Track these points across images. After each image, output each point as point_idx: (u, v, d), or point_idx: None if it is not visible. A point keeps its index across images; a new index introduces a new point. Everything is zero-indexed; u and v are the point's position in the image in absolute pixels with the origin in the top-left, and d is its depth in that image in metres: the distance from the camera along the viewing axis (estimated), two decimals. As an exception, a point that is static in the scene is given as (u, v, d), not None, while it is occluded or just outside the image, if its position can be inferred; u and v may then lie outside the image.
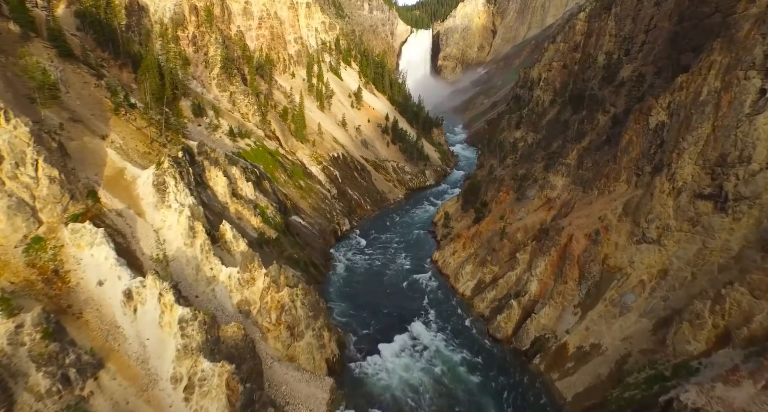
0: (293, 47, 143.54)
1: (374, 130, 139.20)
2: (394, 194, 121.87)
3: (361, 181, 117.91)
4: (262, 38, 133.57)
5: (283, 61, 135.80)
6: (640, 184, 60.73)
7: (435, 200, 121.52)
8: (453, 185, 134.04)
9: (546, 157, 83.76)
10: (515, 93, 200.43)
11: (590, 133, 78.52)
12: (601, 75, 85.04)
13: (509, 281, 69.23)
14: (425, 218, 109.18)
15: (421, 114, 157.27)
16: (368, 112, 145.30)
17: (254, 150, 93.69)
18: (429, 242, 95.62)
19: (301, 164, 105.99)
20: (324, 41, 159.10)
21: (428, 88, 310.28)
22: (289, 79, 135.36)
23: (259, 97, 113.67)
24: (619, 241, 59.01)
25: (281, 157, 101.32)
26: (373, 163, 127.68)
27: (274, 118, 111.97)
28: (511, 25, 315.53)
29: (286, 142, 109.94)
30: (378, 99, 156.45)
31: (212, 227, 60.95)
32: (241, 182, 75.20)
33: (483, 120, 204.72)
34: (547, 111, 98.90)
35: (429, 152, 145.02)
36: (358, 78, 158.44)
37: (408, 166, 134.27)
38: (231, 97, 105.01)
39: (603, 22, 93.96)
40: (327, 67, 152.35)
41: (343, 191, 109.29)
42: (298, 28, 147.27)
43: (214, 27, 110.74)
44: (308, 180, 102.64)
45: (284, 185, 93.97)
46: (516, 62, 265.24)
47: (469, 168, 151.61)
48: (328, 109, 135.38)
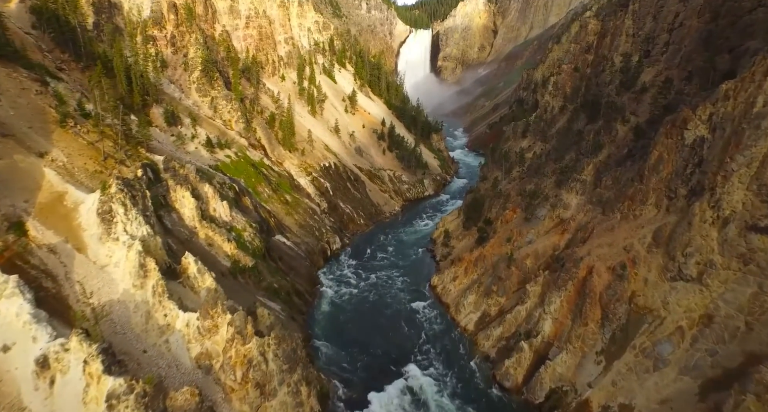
0: (283, 48, 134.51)
1: (369, 137, 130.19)
2: (390, 207, 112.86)
3: (355, 193, 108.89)
4: (249, 39, 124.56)
5: (272, 63, 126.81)
6: (674, 209, 51.71)
7: (434, 213, 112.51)
8: (453, 196, 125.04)
9: (557, 172, 74.74)
10: (518, 95, 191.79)
11: (608, 146, 69.49)
12: (619, 79, 76.00)
13: (518, 316, 60.19)
14: (423, 233, 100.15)
15: (419, 118, 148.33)
16: (363, 117, 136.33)
17: (235, 162, 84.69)
18: (427, 263, 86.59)
19: (288, 176, 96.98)
20: (317, 42, 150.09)
21: (427, 89, 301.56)
22: (278, 83, 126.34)
23: (244, 103, 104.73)
24: (649, 276, 50.01)
25: (266, 168, 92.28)
26: (368, 172, 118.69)
27: (259, 126, 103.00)
28: (512, 25, 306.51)
29: (272, 151, 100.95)
30: (374, 103, 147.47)
31: (174, 259, 52.02)
32: (214, 202, 66.22)
33: (485, 124, 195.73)
34: (556, 118, 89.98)
35: (428, 159, 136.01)
36: (353, 80, 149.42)
37: (405, 175, 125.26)
38: (212, 103, 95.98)
39: (619, 21, 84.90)
40: (320, 69, 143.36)
41: (334, 205, 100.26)
42: (289, 27, 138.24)
43: (195, 26, 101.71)
44: (295, 194, 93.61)
45: (268, 201, 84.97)
46: (518, 63, 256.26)
47: (471, 176, 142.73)
48: (320, 114, 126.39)
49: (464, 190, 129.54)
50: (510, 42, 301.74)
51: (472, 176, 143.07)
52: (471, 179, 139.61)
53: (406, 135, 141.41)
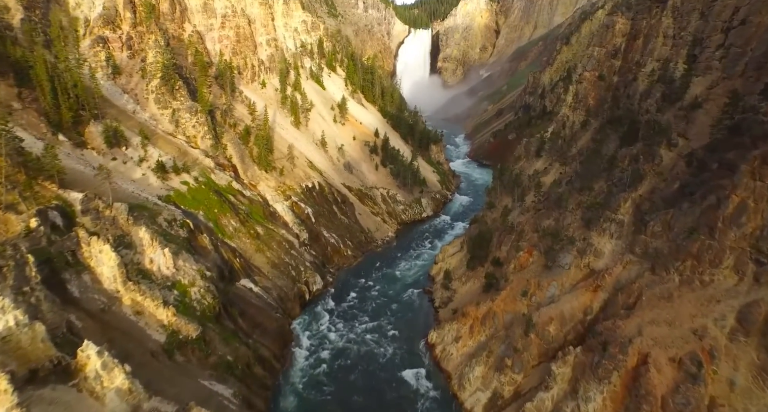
0: (265, 51, 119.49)
1: (361, 150, 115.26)
2: (382, 232, 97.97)
3: (342, 218, 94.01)
4: (225, 40, 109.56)
5: (251, 67, 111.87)
6: (767, 280, 36.87)
7: (433, 239, 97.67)
8: (455, 217, 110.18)
9: (584, 206, 59.85)
10: (525, 101, 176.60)
11: (650, 177, 54.56)
12: (660, 92, 60.96)
13: (542, 407, 45.39)
14: (420, 267, 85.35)
15: (417, 128, 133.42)
16: (354, 127, 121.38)
17: (194, 189, 69.86)
18: (424, 310, 71.83)
19: (262, 202, 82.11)
20: (304, 43, 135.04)
21: (427, 92, 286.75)
22: (257, 90, 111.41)
23: (214, 115, 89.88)
24: (736, 378, 35.25)
25: (235, 194, 77.41)
26: (358, 192, 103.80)
27: (231, 142, 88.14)
28: (515, 25, 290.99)
29: (245, 172, 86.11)
30: (367, 111, 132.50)
31: (73, 347, 37.26)
32: (152, 251, 51.45)
33: (488, 131, 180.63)
34: (578, 136, 75.17)
35: (426, 174, 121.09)
36: (344, 86, 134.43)
37: (401, 193, 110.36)
38: (173, 116, 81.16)
39: (654, 19, 69.78)
40: (307, 73, 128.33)
41: (316, 235, 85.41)
42: (272, 28, 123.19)
43: (155, 26, 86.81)
44: (269, 223, 78.78)
45: (233, 236, 70.19)
46: (522, 64, 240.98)
47: (474, 192, 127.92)
48: (304, 125, 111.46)
49: (467, 210, 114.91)
50: (513, 42, 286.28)
51: (475, 193, 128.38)
52: (474, 196, 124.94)
53: (402, 147, 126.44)
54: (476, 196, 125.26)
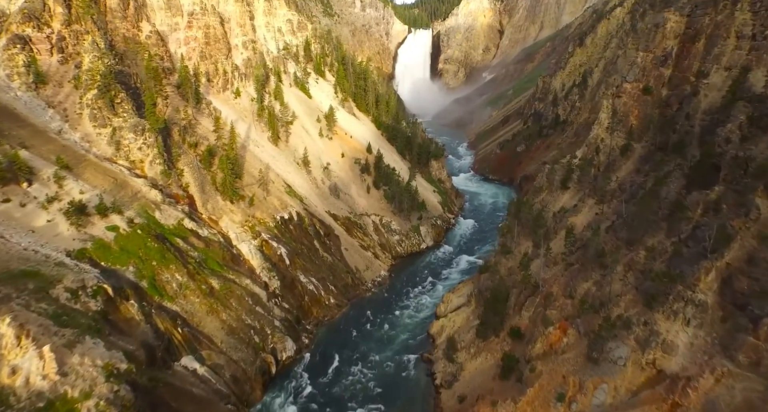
0: (241, 54, 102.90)
1: (350, 170, 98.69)
2: (373, 271, 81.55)
3: (324, 256, 77.54)
4: (192, 42, 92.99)
5: (223, 74, 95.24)
6: None
7: (435, 280, 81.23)
8: (459, 248, 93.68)
9: (638, 269, 43.38)
10: (534, 108, 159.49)
11: (743, 237, 38.01)
12: (746, 114, 44.24)
13: None
14: (419, 322, 69.00)
15: (415, 140, 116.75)
16: (343, 142, 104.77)
17: (125, 236, 53.35)
18: (422, 389, 55.43)
19: (223, 242, 65.60)
20: (288, 45, 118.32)
21: (427, 95, 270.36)
22: (230, 100, 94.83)
23: (171, 133, 73.59)
24: None
25: (186, 236, 60.94)
26: (345, 221, 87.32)
27: (190, 166, 71.71)
28: (520, 25, 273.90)
29: (204, 204, 69.66)
30: (359, 122, 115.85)
31: None
32: (17, 354, 34.95)
33: (494, 140, 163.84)
34: (617, 165, 58.54)
35: (425, 195, 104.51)
36: (333, 94, 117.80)
37: (396, 220, 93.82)
38: (113, 137, 64.74)
39: (722, 15, 53.10)
40: (290, 79, 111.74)
41: (291, 281, 68.99)
42: (250, 28, 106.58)
43: (91, 25, 70.29)
44: (230, 272, 62.28)
45: (177, 296, 53.73)
46: (529, 67, 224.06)
47: (480, 214, 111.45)
48: (284, 141, 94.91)
49: (472, 238, 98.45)
50: (517, 43, 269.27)
51: (481, 214, 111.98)
52: (480, 219, 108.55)
53: (398, 163, 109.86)
54: (482, 219, 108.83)
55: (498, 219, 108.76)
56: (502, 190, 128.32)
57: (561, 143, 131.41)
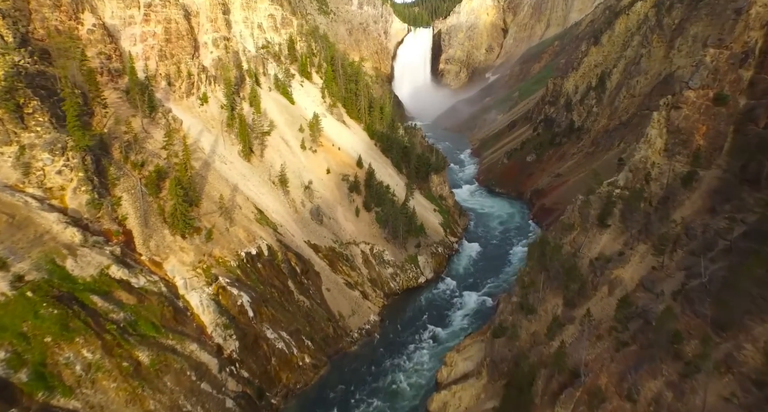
0: (211, 54, 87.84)
1: (336, 188, 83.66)
2: (361, 315, 66.64)
3: (300, 300, 62.60)
4: (151, 39, 78.01)
5: (187, 77, 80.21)
6: None
7: (435, 327, 66.25)
8: (464, 282, 78.68)
9: (757, 386, 28.36)
10: (544, 112, 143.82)
11: None
12: None
13: None
14: (414, 391, 54.03)
15: (413, 151, 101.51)
16: (330, 154, 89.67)
17: (4, 303, 38.39)
18: None
19: (164, 294, 50.62)
20: (270, 43, 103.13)
21: (427, 97, 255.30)
22: (195, 108, 79.80)
23: (109, 150, 58.76)
24: None
25: (110, 291, 46.02)
26: (329, 252, 72.40)
27: (130, 192, 56.87)
28: (525, 23, 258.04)
29: (146, 241, 54.72)
30: (349, 131, 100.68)
31: None
32: None
33: (500, 147, 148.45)
34: (678, 198, 43.55)
35: (425, 216, 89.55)
36: (320, 98, 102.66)
37: (390, 249, 78.85)
38: (20, 158, 49.95)
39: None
40: (270, 82, 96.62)
41: (254, 339, 54.06)
42: (222, 23, 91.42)
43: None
44: (169, 336, 47.32)
45: (80, 385, 38.81)
46: (535, 68, 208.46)
47: (487, 236, 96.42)
48: (258, 155, 79.91)
49: (479, 268, 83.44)
50: (522, 42, 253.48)
51: (487, 236, 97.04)
52: (487, 242, 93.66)
53: (393, 178, 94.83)
54: (489, 242, 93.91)
55: (507, 242, 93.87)
56: (510, 206, 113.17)
57: (577, 153, 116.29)
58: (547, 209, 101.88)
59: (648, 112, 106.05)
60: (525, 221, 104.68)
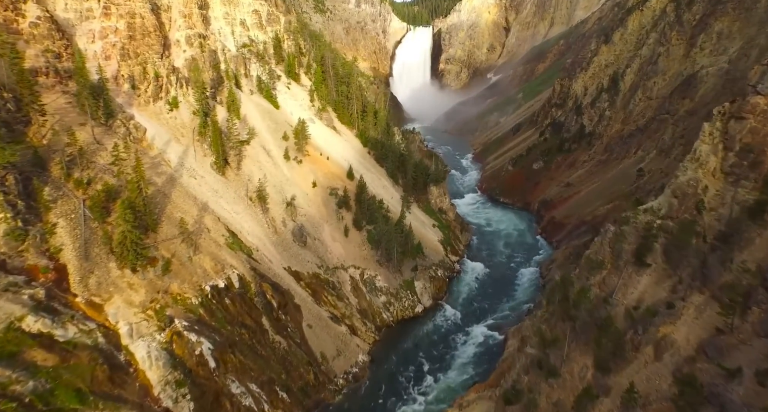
0: (183, 53, 77.92)
1: (323, 205, 73.76)
2: (348, 356, 56.79)
3: (276, 341, 52.80)
4: (112, 35, 68.15)
5: (155, 79, 70.26)
6: None
7: (434, 370, 56.45)
8: (467, 310, 68.85)
9: None
10: (551, 115, 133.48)
11: None
12: None
13: None
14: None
15: (410, 160, 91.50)
16: (317, 165, 79.75)
17: None
18: None
19: (101, 347, 40.83)
20: (252, 42, 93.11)
21: (427, 98, 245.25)
22: (162, 114, 69.88)
23: (47, 167, 48.99)
24: None
25: (19, 350, 36.26)
26: (312, 280, 62.55)
27: (69, 217, 47.16)
28: (528, 21, 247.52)
29: (83, 278, 44.90)
30: (339, 138, 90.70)
31: None
32: None
33: (503, 152, 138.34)
34: (745, 235, 33.80)
35: (423, 234, 79.73)
36: (309, 102, 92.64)
37: (383, 274, 68.97)
38: (-71, 181, 40.08)
39: None
40: (253, 85, 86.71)
41: (215, 397, 44.15)
42: (198, 19, 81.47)
43: None
44: (100, 404, 37.51)
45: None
46: (540, 68, 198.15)
47: (491, 252, 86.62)
48: (234, 168, 70.00)
49: (484, 293, 73.58)
50: (525, 42, 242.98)
51: (492, 252, 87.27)
52: (491, 260, 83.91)
53: (387, 191, 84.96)
54: (494, 260, 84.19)
55: (513, 260, 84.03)
56: (516, 218, 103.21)
57: (588, 161, 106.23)
58: (557, 222, 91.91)
59: (667, 117, 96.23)
60: (533, 235, 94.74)
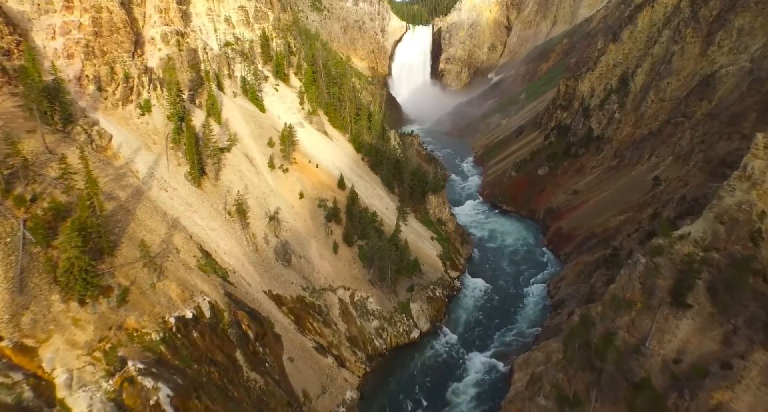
0: (159, 52, 70.85)
1: (310, 218, 66.74)
2: (334, 393, 49.83)
3: (251, 379, 45.84)
4: (75, 31, 61.14)
5: (124, 80, 63.25)
6: None
7: (430, 402, 49.55)
8: (468, 334, 61.93)
9: None
10: (557, 117, 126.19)
11: None
12: None
13: None
14: None
15: (407, 166, 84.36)
16: (305, 173, 72.72)
17: None
18: None
19: (25, 403, 33.97)
20: (239, 39, 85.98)
21: (427, 99, 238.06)
22: (133, 118, 62.88)
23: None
24: None
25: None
26: (296, 304, 55.60)
27: (3, 241, 40.05)
28: (530, 20, 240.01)
29: (14, 316, 37.82)
30: (331, 143, 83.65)
31: None
32: None
33: (506, 156, 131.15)
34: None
35: (420, 248, 72.77)
36: (298, 105, 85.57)
37: (375, 295, 62.02)
38: None
39: None
40: (237, 87, 79.71)
41: (170, 457, 37.32)
42: (176, 15, 74.41)
43: None
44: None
45: None
46: (543, 68, 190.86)
47: (495, 265, 79.70)
48: (212, 178, 62.99)
49: (486, 314, 66.69)
50: (527, 41, 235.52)
51: (495, 265, 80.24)
52: (494, 274, 76.90)
53: (382, 200, 77.98)
54: (498, 275, 77.32)
55: (518, 275, 77.04)
56: (520, 228, 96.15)
57: (597, 167, 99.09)
58: (565, 234, 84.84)
59: (683, 120, 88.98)
60: (539, 247, 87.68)
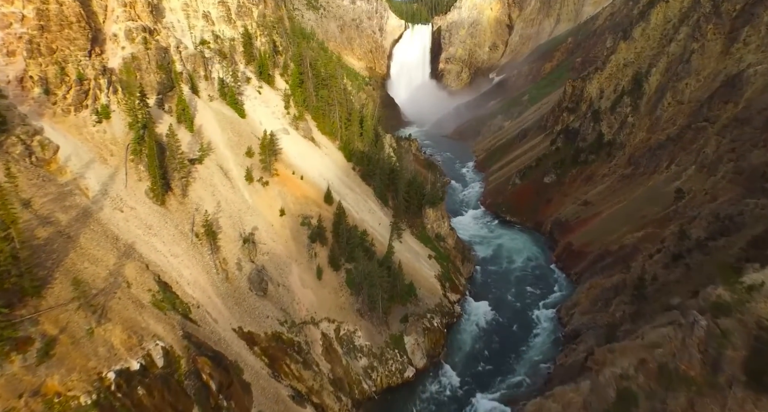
0: (122, 50, 62.54)
1: (292, 238, 58.51)
2: (311, 456, 41.72)
3: (208, 447, 37.68)
4: (16, 25, 52.88)
5: (77, 82, 55.05)
6: None
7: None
8: (469, 372, 53.65)
9: None
10: (564, 122, 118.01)
11: None
12: None
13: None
14: None
15: (402, 177, 76.05)
16: (287, 186, 64.45)
17: None
18: None
19: None
20: (219, 37, 77.63)
21: (426, 99, 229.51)
22: (87, 126, 54.64)
23: None
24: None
25: None
26: (270, 342, 47.39)
27: None
28: (532, 18, 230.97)
29: None
30: (318, 151, 75.38)
31: None
32: None
33: (509, 162, 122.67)
34: None
35: (416, 269, 64.51)
36: (284, 109, 77.31)
37: (364, 328, 53.84)
38: None
39: None
40: (214, 90, 71.40)
41: None
42: (143, 9, 66.13)
43: None
44: None
45: None
46: (546, 68, 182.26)
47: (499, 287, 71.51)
48: (179, 195, 54.77)
49: (489, 346, 58.41)
50: (530, 40, 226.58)
51: (500, 288, 72.03)
52: (499, 296, 68.68)
53: (374, 215, 69.72)
54: (503, 297, 68.97)
55: (525, 298, 68.85)
56: (526, 241, 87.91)
57: (609, 175, 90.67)
58: (575, 251, 76.56)
59: (706, 125, 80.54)
60: (547, 264, 79.47)
